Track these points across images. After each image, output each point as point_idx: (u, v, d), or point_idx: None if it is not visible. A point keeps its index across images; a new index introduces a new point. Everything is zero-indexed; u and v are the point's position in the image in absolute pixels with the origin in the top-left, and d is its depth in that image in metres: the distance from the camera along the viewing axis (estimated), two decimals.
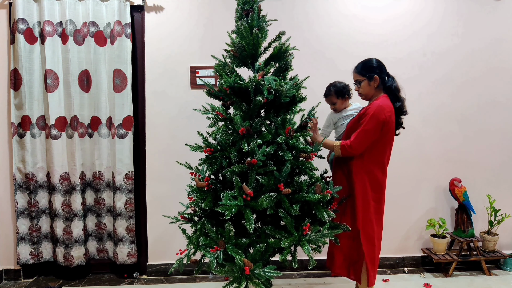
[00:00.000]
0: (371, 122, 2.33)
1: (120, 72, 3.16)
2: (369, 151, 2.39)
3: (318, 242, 2.07)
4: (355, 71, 2.50)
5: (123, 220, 3.25)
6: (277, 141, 2.15)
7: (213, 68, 3.24)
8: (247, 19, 2.27)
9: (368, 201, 2.41)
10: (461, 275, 3.32)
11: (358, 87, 2.51)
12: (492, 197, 3.40)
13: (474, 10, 3.40)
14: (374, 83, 2.44)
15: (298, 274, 3.38)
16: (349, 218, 2.45)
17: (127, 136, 3.21)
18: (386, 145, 2.43)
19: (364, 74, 2.46)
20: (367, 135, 2.34)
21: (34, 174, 3.18)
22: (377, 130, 2.34)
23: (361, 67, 2.48)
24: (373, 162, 2.42)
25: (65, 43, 3.09)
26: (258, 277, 1.98)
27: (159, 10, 3.25)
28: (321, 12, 3.33)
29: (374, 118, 2.33)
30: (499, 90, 3.47)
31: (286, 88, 2.17)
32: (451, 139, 3.47)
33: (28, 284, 3.23)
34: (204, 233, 2.21)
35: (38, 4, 3.07)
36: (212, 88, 2.36)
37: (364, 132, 2.34)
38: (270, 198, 2.05)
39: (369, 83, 2.45)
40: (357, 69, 2.49)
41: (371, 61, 2.47)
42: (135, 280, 3.31)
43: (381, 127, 2.34)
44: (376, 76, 2.43)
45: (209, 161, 2.26)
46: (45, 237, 3.29)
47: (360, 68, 2.48)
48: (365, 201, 2.41)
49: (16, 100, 3.13)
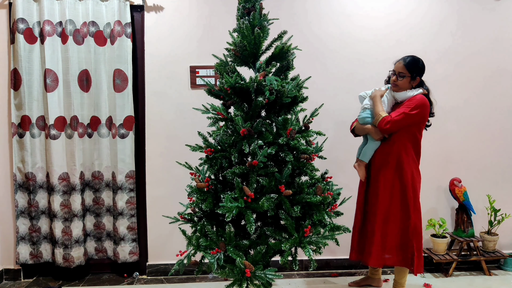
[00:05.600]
0: (416, 109, 2.51)
1: (120, 72, 3.15)
2: (414, 143, 2.61)
3: (319, 243, 2.07)
4: (403, 63, 2.59)
5: (125, 219, 3.25)
6: (278, 142, 2.15)
7: (213, 67, 3.23)
8: (249, 18, 2.26)
9: (416, 190, 2.62)
10: (461, 275, 3.32)
11: (397, 79, 2.61)
12: (492, 197, 3.40)
13: (475, 10, 3.39)
14: (414, 83, 2.62)
15: (298, 274, 3.38)
16: (398, 208, 2.61)
17: (128, 136, 3.20)
18: (421, 139, 2.66)
19: (411, 72, 2.59)
20: (408, 119, 2.52)
21: (33, 174, 3.18)
22: (416, 119, 2.54)
23: (411, 64, 2.58)
24: (417, 155, 2.65)
25: (65, 43, 3.08)
26: (259, 279, 1.98)
27: (159, 10, 3.24)
28: (320, 11, 3.32)
29: (420, 108, 2.52)
30: (499, 90, 3.46)
31: (287, 88, 2.16)
32: (451, 139, 3.46)
33: (28, 284, 3.23)
34: (204, 234, 2.20)
35: (38, 4, 3.06)
36: (212, 87, 2.35)
37: (406, 116, 2.51)
38: (271, 200, 2.05)
39: (410, 81, 2.61)
40: (406, 63, 2.59)
41: (420, 61, 2.62)
42: (135, 280, 3.31)
43: (419, 119, 2.54)
44: (418, 78, 2.62)
45: (209, 161, 2.26)
46: (45, 238, 3.28)
47: (409, 64, 2.58)
48: (414, 190, 2.60)
49: (16, 100, 3.13)
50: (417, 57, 2.63)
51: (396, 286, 2.77)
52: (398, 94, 2.66)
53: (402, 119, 2.51)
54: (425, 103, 2.55)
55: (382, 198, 2.64)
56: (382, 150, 2.67)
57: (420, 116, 2.55)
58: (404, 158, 2.59)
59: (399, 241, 2.63)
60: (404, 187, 2.59)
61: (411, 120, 2.54)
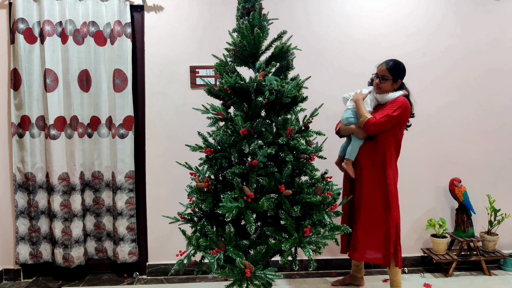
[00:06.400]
0: (399, 111, 2.61)
1: (120, 72, 3.15)
2: (396, 143, 2.72)
3: (318, 243, 2.07)
4: (386, 67, 2.67)
5: (124, 219, 3.25)
6: (278, 142, 2.14)
7: (213, 67, 3.23)
8: (248, 18, 2.26)
9: (396, 189, 2.73)
10: (461, 275, 3.32)
11: (380, 82, 2.69)
12: (492, 197, 3.40)
13: (474, 10, 3.40)
14: (395, 85, 2.71)
15: (298, 274, 3.38)
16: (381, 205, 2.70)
17: (128, 136, 3.20)
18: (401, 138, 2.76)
19: (393, 75, 2.67)
20: (392, 120, 2.61)
21: (33, 175, 3.18)
22: (398, 121, 2.63)
23: (393, 67, 2.67)
24: (397, 153, 2.76)
25: (65, 43, 3.08)
26: (259, 279, 1.98)
27: (159, 10, 3.24)
28: (320, 11, 3.32)
29: (402, 109, 2.62)
30: (498, 90, 3.46)
31: (287, 88, 2.16)
32: (451, 139, 3.46)
33: (28, 284, 3.23)
34: (204, 234, 2.20)
35: (38, 4, 3.06)
36: (212, 87, 2.35)
37: (390, 118, 2.60)
38: (271, 200, 2.05)
39: (392, 84, 2.70)
40: (389, 67, 2.66)
41: (401, 65, 2.70)
42: (135, 280, 3.31)
43: (402, 120, 2.64)
44: (400, 80, 2.71)
45: (209, 161, 2.26)
46: (45, 238, 3.28)
47: (392, 67, 2.66)
48: (395, 189, 2.71)
49: (16, 100, 3.13)
50: (399, 60, 2.72)
51: (392, 284, 2.82)
52: (381, 96, 2.74)
53: (386, 121, 2.61)
54: (407, 105, 2.65)
55: (365, 194, 2.74)
56: (366, 148, 2.76)
57: (402, 117, 2.65)
58: (388, 156, 2.69)
59: (382, 238, 2.70)
60: (387, 184, 2.68)
61: (394, 121, 2.63)
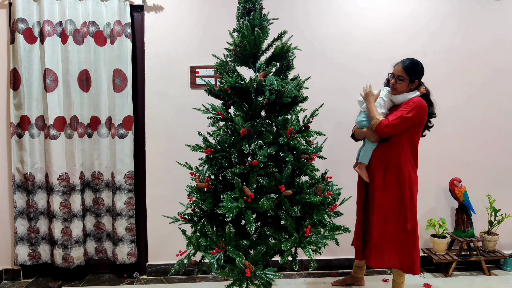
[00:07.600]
0: (413, 112, 2.50)
1: (120, 72, 3.15)
2: (412, 145, 2.61)
3: (319, 243, 2.07)
4: (402, 66, 2.57)
5: (123, 220, 3.25)
6: (278, 142, 2.14)
7: (213, 67, 3.23)
8: (249, 18, 2.26)
9: (413, 192, 2.62)
10: (461, 275, 3.32)
11: (396, 82, 2.60)
12: (492, 197, 3.40)
13: (475, 10, 3.39)
14: (412, 86, 2.61)
15: (298, 274, 3.38)
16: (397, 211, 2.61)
17: (127, 136, 3.20)
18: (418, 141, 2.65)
19: (410, 75, 2.57)
20: (405, 122, 2.51)
21: (32, 175, 3.17)
22: (412, 123, 2.53)
23: (410, 67, 2.56)
24: (414, 157, 2.65)
25: (65, 43, 3.08)
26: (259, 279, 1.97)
27: (159, 10, 3.24)
28: (320, 11, 3.32)
29: (416, 110, 2.51)
30: (499, 90, 3.46)
31: (287, 88, 2.16)
32: (451, 139, 3.46)
33: (27, 284, 3.23)
34: (204, 234, 2.20)
35: (38, 3, 3.05)
36: (212, 87, 2.35)
37: (404, 119, 2.50)
38: (271, 200, 2.05)
39: (408, 84, 2.60)
40: (405, 67, 2.57)
41: (419, 65, 2.59)
42: (135, 280, 3.31)
43: (417, 121, 2.54)
44: (417, 81, 2.60)
45: (209, 161, 2.26)
46: (44, 239, 3.27)
47: (408, 67, 2.56)
48: (411, 192, 2.61)
49: (16, 100, 3.12)
50: (416, 60, 2.61)
51: (395, 286, 2.77)
52: (396, 97, 2.66)
53: (399, 123, 2.51)
54: (422, 105, 2.53)
55: (379, 199, 2.66)
56: (380, 151, 2.67)
57: (417, 119, 2.54)
58: (402, 159, 2.60)
59: (397, 243, 2.63)
60: (402, 188, 2.60)
61: (408, 123, 2.53)
